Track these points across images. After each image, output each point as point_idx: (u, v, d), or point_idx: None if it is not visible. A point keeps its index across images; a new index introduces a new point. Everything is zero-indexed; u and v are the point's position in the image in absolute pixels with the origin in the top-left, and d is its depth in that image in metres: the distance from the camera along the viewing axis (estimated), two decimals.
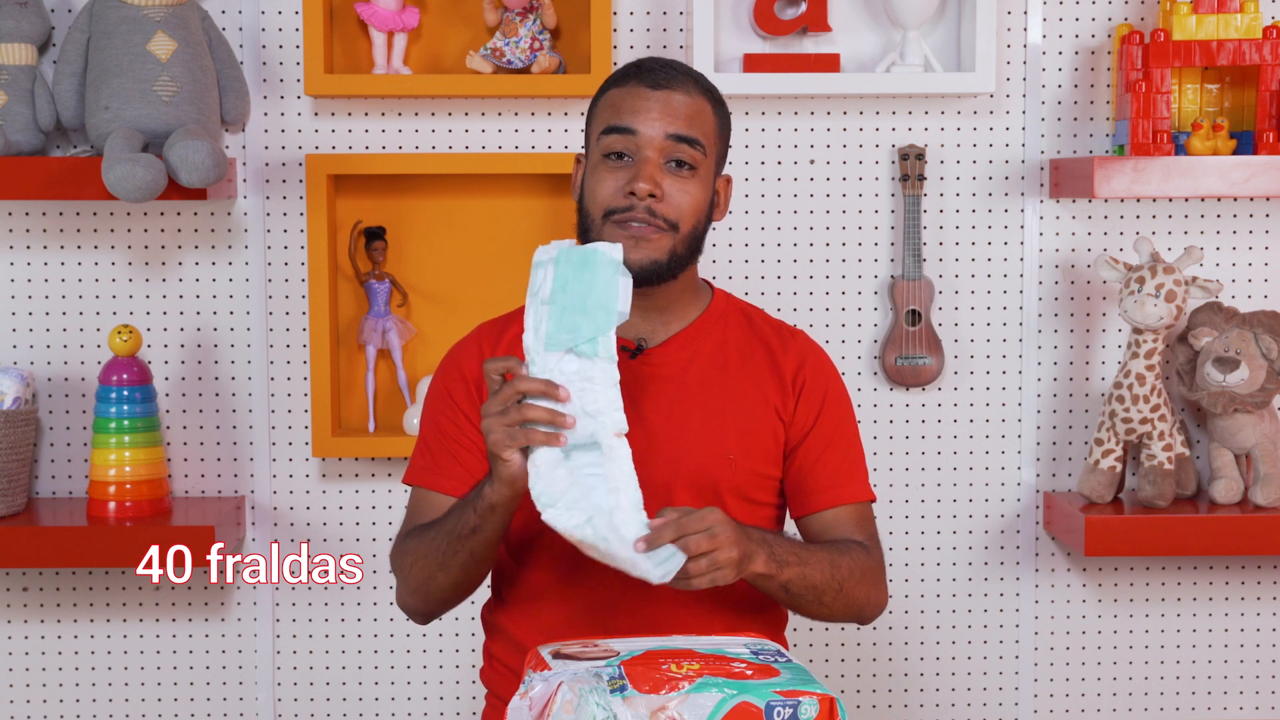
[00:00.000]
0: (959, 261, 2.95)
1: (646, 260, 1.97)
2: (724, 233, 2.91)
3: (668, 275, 2.00)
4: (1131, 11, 2.93)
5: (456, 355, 2.11)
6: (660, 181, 1.96)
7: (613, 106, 2.00)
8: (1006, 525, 2.99)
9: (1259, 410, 2.85)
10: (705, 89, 2.03)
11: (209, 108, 2.75)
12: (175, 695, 2.95)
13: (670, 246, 1.98)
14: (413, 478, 2.10)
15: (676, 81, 2.00)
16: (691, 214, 1.99)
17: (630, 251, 1.96)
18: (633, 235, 1.96)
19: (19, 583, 2.93)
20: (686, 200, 1.98)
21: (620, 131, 1.98)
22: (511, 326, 2.11)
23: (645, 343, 2.05)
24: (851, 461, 2.10)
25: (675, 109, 1.98)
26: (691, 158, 1.98)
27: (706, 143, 2.00)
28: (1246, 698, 3.04)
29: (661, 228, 1.97)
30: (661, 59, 2.04)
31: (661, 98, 1.98)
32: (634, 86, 2.00)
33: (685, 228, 1.99)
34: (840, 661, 3.00)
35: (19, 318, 2.89)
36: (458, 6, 2.89)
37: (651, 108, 1.97)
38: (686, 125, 1.98)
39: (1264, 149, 2.76)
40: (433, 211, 2.90)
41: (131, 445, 2.76)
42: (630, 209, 1.96)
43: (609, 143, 1.98)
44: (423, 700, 2.97)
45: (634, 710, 1.57)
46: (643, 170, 1.96)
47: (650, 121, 1.97)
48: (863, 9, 2.91)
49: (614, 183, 1.97)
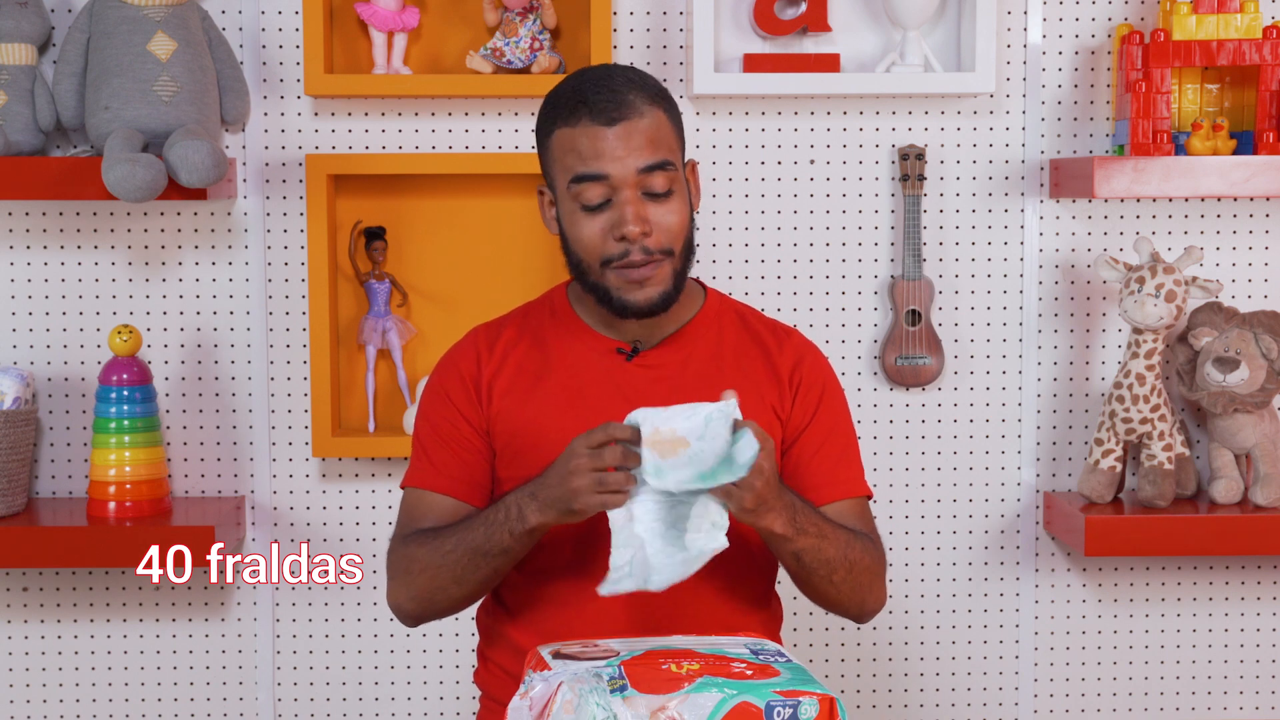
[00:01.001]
0: (959, 261, 2.95)
1: (656, 296, 1.99)
2: (724, 233, 2.91)
3: (675, 296, 2.02)
4: (1131, 11, 2.93)
5: (454, 357, 2.11)
6: (646, 216, 1.96)
7: (574, 152, 1.97)
8: (1006, 525, 2.99)
9: (1259, 410, 2.85)
10: (652, 98, 1.99)
11: (209, 108, 2.75)
12: (175, 695, 2.95)
13: (673, 272, 2.00)
14: (408, 480, 2.10)
15: (628, 107, 1.95)
16: (681, 232, 1.99)
17: (637, 293, 1.98)
18: (637, 280, 1.97)
19: (19, 583, 2.93)
20: (674, 220, 1.98)
21: (593, 179, 1.96)
22: (506, 330, 2.11)
23: (641, 344, 2.06)
24: (848, 457, 2.11)
25: (637, 139, 1.95)
26: (666, 181, 1.97)
27: (673, 157, 1.99)
28: (1246, 698, 3.04)
29: (659, 260, 1.98)
30: (598, 78, 1.98)
31: (620, 132, 1.95)
32: (587, 126, 1.95)
33: (679, 247, 2.00)
34: (840, 661, 3.00)
35: (19, 318, 2.89)
36: (458, 6, 2.89)
37: (616, 147, 1.94)
38: (652, 152, 1.96)
39: (1264, 149, 2.76)
40: (432, 211, 2.90)
41: (131, 445, 2.76)
42: (626, 254, 1.96)
43: (584, 194, 1.96)
44: (423, 700, 2.97)
45: (634, 710, 1.57)
46: (626, 212, 1.95)
47: (618, 161, 1.95)
48: (863, 9, 2.90)
49: (599, 230, 1.97)
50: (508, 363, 2.07)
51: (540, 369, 2.06)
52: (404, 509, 2.09)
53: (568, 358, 2.06)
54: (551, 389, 2.05)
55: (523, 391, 2.05)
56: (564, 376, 2.05)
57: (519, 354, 2.08)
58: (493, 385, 2.06)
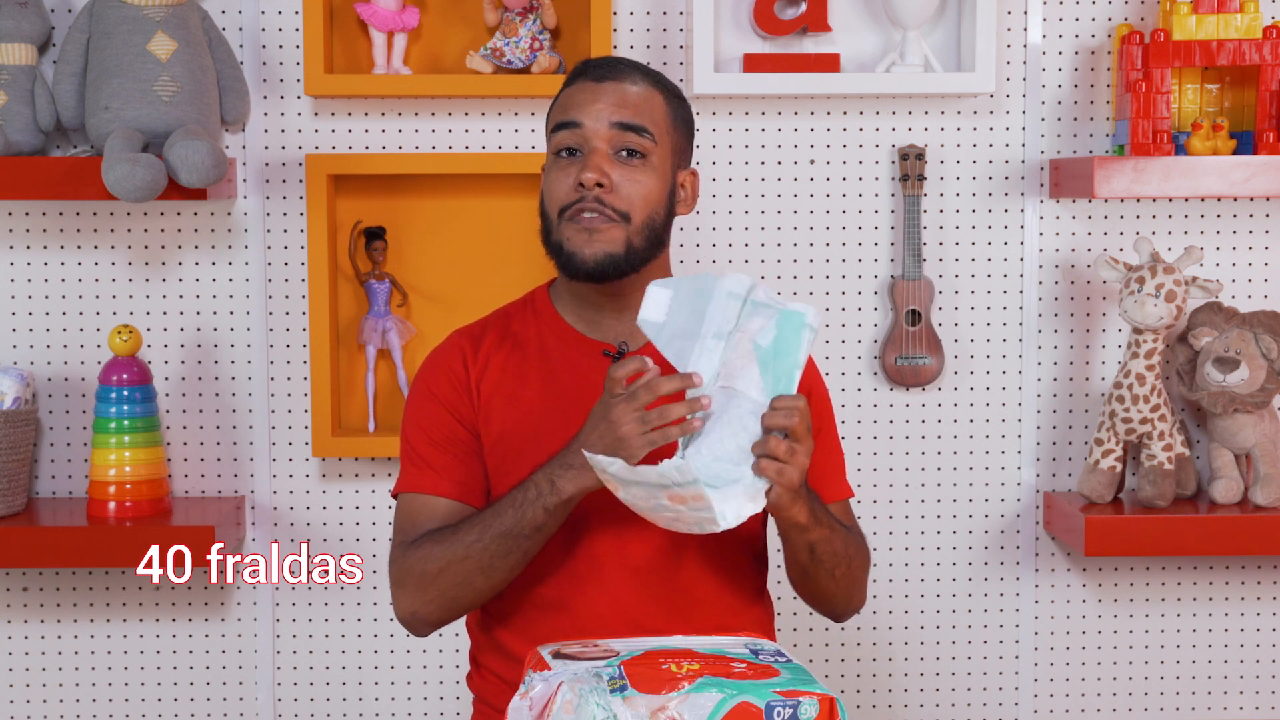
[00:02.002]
0: (959, 261, 2.95)
1: (601, 253, 1.96)
2: (724, 233, 2.92)
3: (626, 269, 1.98)
4: (1131, 11, 2.93)
5: (439, 359, 2.09)
6: (609, 171, 1.96)
7: (561, 106, 2.02)
8: (1006, 525, 2.99)
9: (1259, 410, 2.85)
10: (656, 81, 2.04)
11: (209, 108, 2.75)
12: (175, 695, 2.95)
13: (624, 238, 1.97)
14: (404, 486, 2.05)
15: (623, 73, 2.01)
16: (643, 204, 1.98)
17: (584, 245, 1.96)
18: (585, 228, 1.96)
19: (19, 583, 2.93)
20: (637, 190, 1.97)
21: (567, 127, 1.99)
22: (488, 333, 2.09)
23: (626, 346, 2.03)
24: (835, 460, 2.13)
25: (621, 98, 1.99)
26: (640, 145, 1.98)
27: (656, 131, 1.99)
28: (1246, 698, 3.04)
29: (611, 218, 1.96)
30: (614, 57, 2.06)
31: (608, 89, 1.99)
32: (581, 83, 2.02)
33: (638, 218, 1.98)
34: (840, 661, 3.00)
35: (19, 318, 2.89)
36: (458, 6, 2.89)
37: (597, 99, 1.98)
38: (633, 114, 1.98)
39: (1264, 149, 2.76)
40: (432, 211, 2.90)
41: (131, 445, 2.76)
42: (580, 200, 1.96)
43: (558, 139, 2.00)
44: (422, 700, 2.97)
45: (634, 710, 1.57)
46: (589, 161, 1.96)
47: (595, 113, 1.98)
48: (863, 9, 2.90)
49: (566, 180, 1.98)
50: (491, 365, 2.06)
51: (525, 372, 2.05)
52: (401, 516, 2.04)
53: (553, 360, 2.05)
54: (537, 392, 2.03)
55: (508, 394, 2.04)
56: (550, 379, 2.04)
57: (502, 357, 2.06)
58: (479, 387, 2.05)
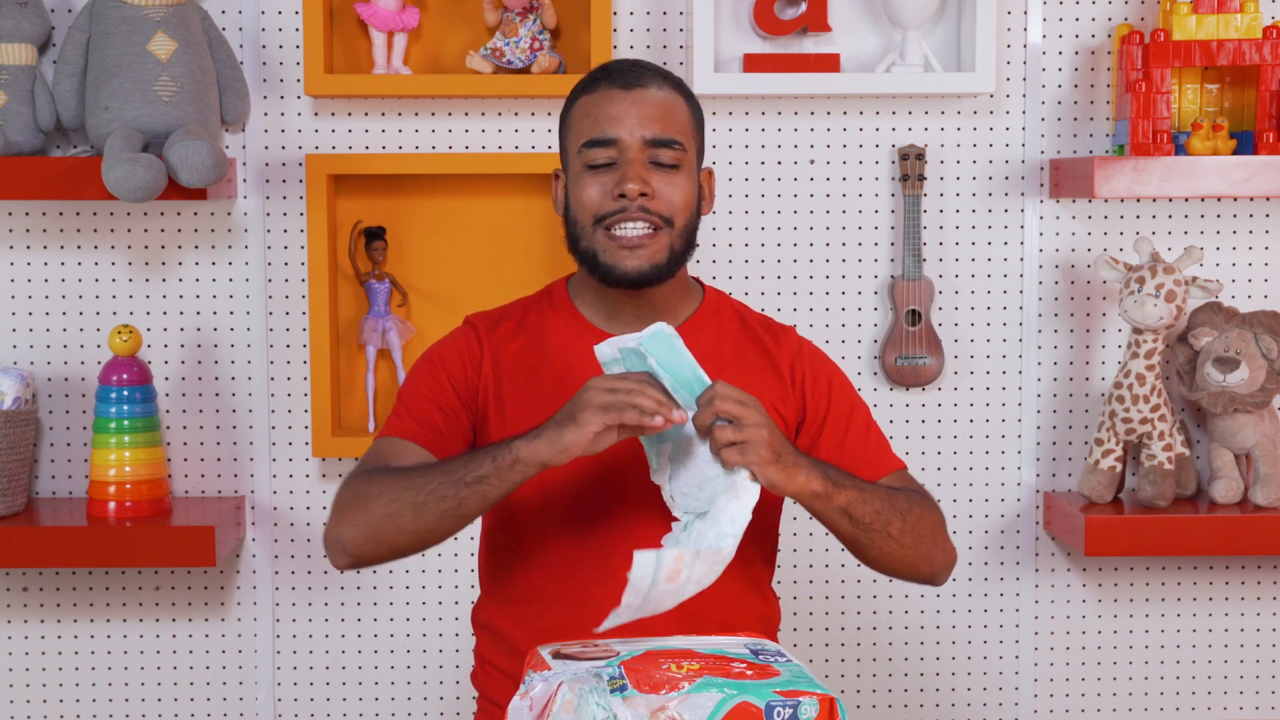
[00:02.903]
0: (959, 261, 2.95)
1: (648, 265, 1.99)
2: (724, 232, 2.91)
3: (667, 275, 2.01)
4: (1131, 11, 2.93)
5: (453, 338, 2.09)
6: (649, 179, 1.97)
7: (589, 116, 2.01)
8: (1006, 525, 2.99)
9: (1259, 410, 2.85)
10: (675, 84, 2.04)
11: (209, 108, 2.75)
12: (175, 695, 2.95)
13: (669, 244, 2.00)
14: (383, 431, 2.04)
15: (647, 79, 2.01)
16: (684, 208, 2.00)
17: (624, 259, 1.98)
18: (623, 245, 1.97)
19: (19, 583, 2.93)
20: (677, 194, 1.99)
21: (601, 144, 1.99)
22: (505, 321, 2.10)
23: None
24: (876, 435, 2.12)
25: (650, 110, 1.99)
26: (675, 158, 2.00)
27: (685, 140, 2.01)
28: (1246, 698, 3.04)
29: (658, 225, 1.98)
30: (628, 60, 2.06)
31: (635, 98, 1.99)
32: (605, 90, 2.01)
33: (679, 222, 2.00)
34: (840, 661, 3.00)
35: (19, 318, 2.89)
36: (458, 6, 2.89)
37: (628, 111, 1.98)
38: (662, 127, 1.99)
39: (1264, 149, 2.76)
40: (432, 211, 2.90)
41: (131, 445, 2.76)
42: (622, 210, 1.97)
43: (592, 155, 1.99)
44: (422, 700, 2.97)
45: (634, 710, 1.57)
46: (630, 170, 1.97)
47: (628, 127, 1.98)
48: (863, 9, 2.90)
49: (601, 187, 1.99)
50: (505, 353, 2.07)
51: (538, 362, 2.06)
52: (370, 452, 2.02)
53: (567, 353, 2.06)
54: (549, 383, 2.04)
55: (519, 383, 2.05)
56: (562, 371, 2.05)
57: (517, 346, 2.07)
58: (489, 370, 2.05)
